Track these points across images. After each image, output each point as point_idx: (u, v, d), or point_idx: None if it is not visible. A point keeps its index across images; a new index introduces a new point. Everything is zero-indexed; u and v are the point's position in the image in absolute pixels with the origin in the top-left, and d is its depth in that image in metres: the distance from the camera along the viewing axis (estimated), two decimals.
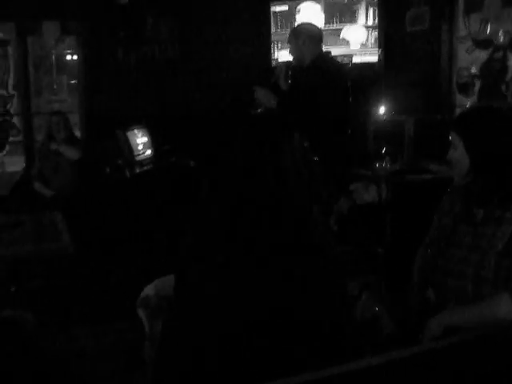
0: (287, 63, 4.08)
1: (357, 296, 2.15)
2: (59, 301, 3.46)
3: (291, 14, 5.69)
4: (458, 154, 1.89)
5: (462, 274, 1.86)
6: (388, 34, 5.41)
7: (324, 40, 5.19)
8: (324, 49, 4.17)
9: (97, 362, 3.17)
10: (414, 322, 1.98)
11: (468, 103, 5.10)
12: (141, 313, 2.34)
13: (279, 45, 5.66)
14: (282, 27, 5.73)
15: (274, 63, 5.71)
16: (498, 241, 1.81)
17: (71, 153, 4.79)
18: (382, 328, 1.86)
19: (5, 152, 6.16)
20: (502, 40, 4.74)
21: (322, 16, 5.54)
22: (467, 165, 1.87)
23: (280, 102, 3.99)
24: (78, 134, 5.61)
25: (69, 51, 6.54)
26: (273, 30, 5.79)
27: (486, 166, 1.84)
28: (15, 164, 6.17)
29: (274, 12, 5.77)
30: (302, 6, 5.61)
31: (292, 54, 4.01)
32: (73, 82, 6.50)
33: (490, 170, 1.84)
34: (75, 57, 6.08)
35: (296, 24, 5.56)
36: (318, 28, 4.13)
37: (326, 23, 5.55)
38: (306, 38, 3.91)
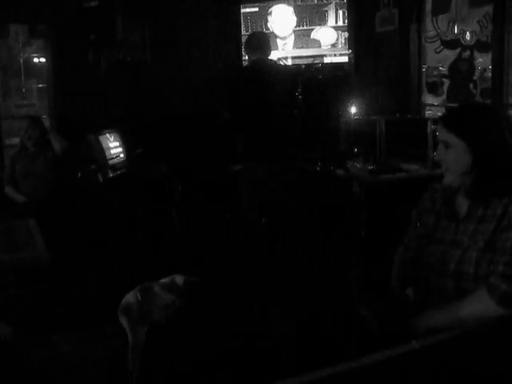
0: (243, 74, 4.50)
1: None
2: (37, 309, 3.41)
3: (261, 16, 5.72)
4: (455, 153, 1.90)
5: (443, 271, 1.90)
6: (358, 35, 5.47)
7: (295, 41, 5.32)
8: (293, 50, 4.35)
9: (78, 369, 3.13)
10: (394, 320, 2.01)
11: (437, 102, 5.19)
12: (123, 321, 2.32)
13: None
14: (252, 29, 5.75)
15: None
16: (479, 237, 1.84)
17: (58, 144, 4.74)
18: (367, 327, 1.88)
19: None
20: (468, 40, 4.83)
21: (294, 18, 5.58)
22: (468, 163, 1.89)
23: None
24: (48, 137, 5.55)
25: (37, 54, 6.45)
26: (243, 31, 5.81)
27: (489, 162, 1.87)
28: None
29: (245, 13, 5.79)
30: (274, 8, 5.64)
31: (249, 64, 4.45)
32: (42, 85, 6.40)
33: (493, 166, 1.87)
34: (44, 60, 6.00)
35: (267, 25, 5.64)
36: (256, 37, 4.45)
37: (296, 25, 5.59)
38: (261, 49, 4.24)
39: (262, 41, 4.34)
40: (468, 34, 4.84)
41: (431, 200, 2.08)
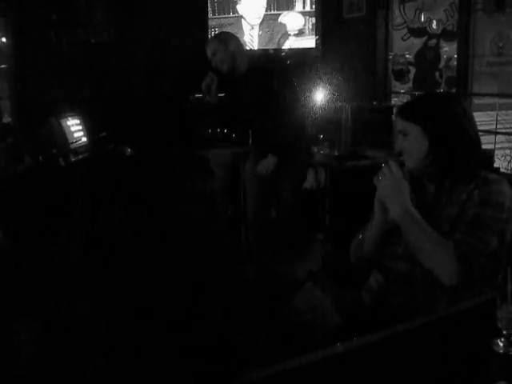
0: (212, 76, 3.99)
1: (300, 284, 2.16)
2: None
3: (229, 0, 5.65)
4: (412, 140, 1.95)
5: (410, 256, 1.92)
6: (325, 21, 5.44)
7: (262, 26, 5.20)
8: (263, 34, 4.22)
9: (40, 358, 3.08)
10: (364, 309, 2.02)
11: (403, 90, 5.21)
12: None
13: (216, 30, 5.59)
14: (219, 13, 5.68)
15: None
16: (444, 222, 1.89)
17: None
18: (328, 320, 1.88)
19: None
20: (435, 29, 4.85)
21: (265, 3, 5.53)
22: (425, 150, 1.93)
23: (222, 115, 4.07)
24: (10, 122, 5.43)
25: None
26: (210, 14, 5.74)
27: (445, 149, 1.92)
28: None
29: None
30: None
31: (222, 63, 3.92)
32: (2, 66, 6.23)
33: (449, 152, 1.92)
34: (4, 40, 5.83)
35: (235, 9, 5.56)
36: (234, 35, 4.17)
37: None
38: (236, 43, 3.94)
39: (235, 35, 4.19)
40: (434, 22, 4.86)
41: None
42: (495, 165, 4.30)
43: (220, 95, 4.08)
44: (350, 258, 2.20)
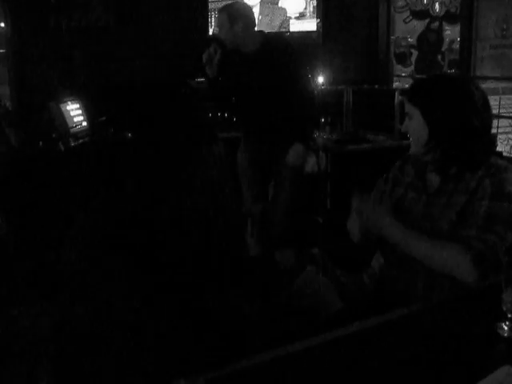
0: (215, 47, 3.62)
1: (300, 267, 2.15)
2: None
3: None
4: (415, 124, 1.90)
5: None
6: (326, 4, 5.39)
7: (262, 10, 5.04)
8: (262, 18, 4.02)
9: (39, 344, 3.09)
10: (365, 294, 2.00)
11: (405, 73, 5.17)
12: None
13: (217, 13, 5.53)
14: None
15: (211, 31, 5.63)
16: (450, 210, 1.83)
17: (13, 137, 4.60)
18: (330, 304, 1.86)
19: None
20: (438, 11, 4.81)
21: None
22: (425, 135, 1.87)
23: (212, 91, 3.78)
24: (8, 105, 5.39)
25: None
26: None
27: (444, 135, 1.85)
28: None
29: None
30: None
31: (225, 39, 3.60)
32: (0, 51, 6.19)
33: (449, 139, 1.85)
34: (2, 25, 5.79)
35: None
36: (250, 8, 3.84)
37: None
38: (244, 23, 3.57)
39: (249, 10, 3.79)
40: (437, 4, 4.81)
41: (401, 171, 2.06)
42: (498, 149, 4.27)
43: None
44: (352, 239, 2.16)
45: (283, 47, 3.64)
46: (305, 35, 5.43)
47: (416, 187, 1.96)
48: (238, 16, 3.57)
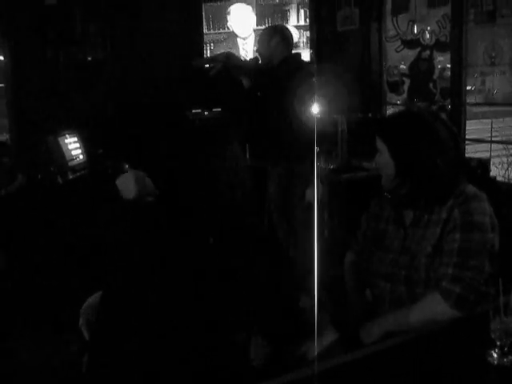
0: (255, 61, 4.02)
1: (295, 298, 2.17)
2: None
3: (222, 14, 5.70)
4: (384, 158, 1.93)
5: (394, 277, 1.91)
6: (319, 34, 5.49)
7: (256, 40, 5.14)
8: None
9: (35, 375, 3.09)
10: (355, 323, 2.02)
11: (398, 101, 5.24)
12: (82, 322, 2.30)
13: (212, 46, 5.65)
14: (214, 28, 5.72)
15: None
16: (426, 242, 1.86)
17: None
18: (324, 335, 1.88)
19: None
20: (428, 40, 4.89)
21: (254, 17, 5.57)
22: (393, 169, 1.90)
23: (241, 99, 3.96)
24: (7, 140, 5.46)
25: None
26: (205, 30, 5.78)
27: (410, 171, 1.88)
28: None
29: (206, 10, 5.77)
30: (233, 8, 5.61)
31: (260, 53, 3.94)
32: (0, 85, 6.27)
33: (415, 175, 1.87)
34: (1, 58, 5.87)
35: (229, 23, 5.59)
36: (289, 31, 4.10)
37: (257, 24, 5.58)
38: (279, 39, 3.87)
39: (286, 32, 4.07)
40: (427, 33, 4.89)
41: (379, 206, 2.09)
42: (492, 173, 4.31)
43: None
44: (344, 276, 2.19)
45: (308, 72, 4.01)
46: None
47: (394, 221, 1.99)
48: (274, 32, 3.92)
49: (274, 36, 3.87)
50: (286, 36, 3.95)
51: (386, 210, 2.05)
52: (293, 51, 4.10)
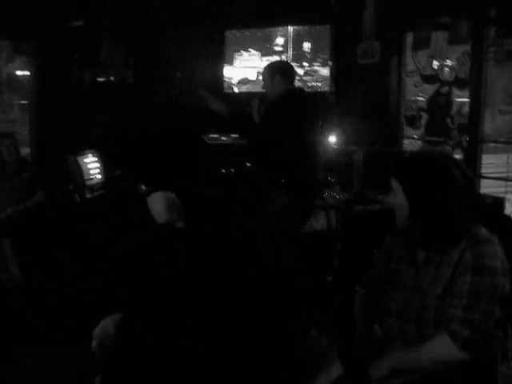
0: (261, 96, 4.12)
1: (306, 330, 2.19)
2: (7, 329, 3.38)
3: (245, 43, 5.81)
4: (398, 198, 1.95)
5: (404, 315, 1.92)
6: (339, 66, 5.55)
7: None
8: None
9: None
10: (364, 358, 2.03)
11: (415, 135, 5.27)
12: (95, 345, 2.32)
13: None
14: (236, 53, 5.83)
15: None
16: (437, 283, 1.88)
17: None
18: (331, 369, 1.89)
19: None
20: (447, 76, 4.94)
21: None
22: (407, 209, 1.93)
23: (252, 136, 4.06)
24: (28, 156, 5.55)
25: (21, 70, 6.44)
26: (227, 56, 5.90)
27: (424, 212, 1.91)
28: None
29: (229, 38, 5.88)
30: None
31: (266, 91, 4.04)
32: (24, 101, 6.39)
33: (429, 216, 1.90)
34: (27, 76, 6.00)
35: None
36: (290, 65, 4.22)
37: None
38: (277, 75, 3.95)
39: (288, 68, 4.18)
40: (447, 70, 4.94)
41: (392, 244, 2.11)
42: (506, 211, 4.30)
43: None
44: (354, 309, 2.21)
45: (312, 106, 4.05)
46: (318, 95, 5.58)
47: (406, 260, 2.01)
48: (273, 69, 4.00)
49: (274, 74, 3.96)
50: (285, 71, 4.04)
51: (399, 248, 2.07)
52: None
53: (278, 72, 3.96)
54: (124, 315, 1.98)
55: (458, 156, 4.71)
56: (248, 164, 4.60)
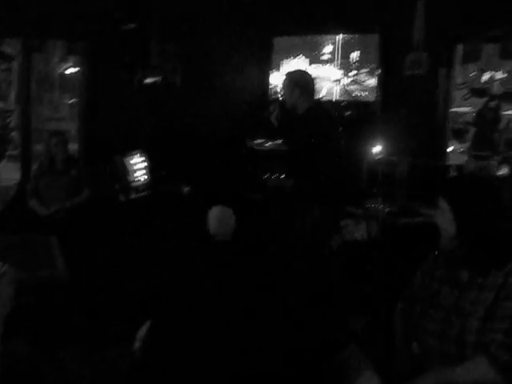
0: (281, 102, 4.14)
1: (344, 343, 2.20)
2: (50, 325, 3.46)
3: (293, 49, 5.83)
4: (446, 218, 1.96)
5: (444, 336, 1.92)
6: (386, 76, 5.52)
7: None
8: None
9: None
10: (401, 376, 2.04)
11: (461, 149, 5.22)
12: (138, 347, 2.37)
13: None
14: (284, 59, 5.86)
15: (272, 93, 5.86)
16: (480, 306, 1.87)
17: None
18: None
19: (1, 165, 6.19)
20: (496, 90, 4.87)
21: None
22: (453, 230, 1.94)
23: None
24: (75, 153, 5.68)
25: (72, 70, 6.61)
26: (274, 61, 5.93)
27: (471, 233, 1.91)
28: (10, 178, 6.17)
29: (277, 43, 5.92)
30: None
31: (285, 99, 4.06)
32: (74, 100, 6.55)
33: (476, 237, 1.90)
34: (78, 76, 6.14)
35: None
36: (310, 78, 4.16)
37: None
38: (302, 90, 3.98)
39: (308, 78, 4.17)
40: (496, 83, 4.88)
41: (435, 264, 2.11)
42: None
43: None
44: (394, 325, 2.21)
45: (327, 116, 4.02)
46: (363, 104, 5.57)
47: (448, 281, 2.01)
48: (298, 82, 4.00)
49: (295, 87, 3.97)
50: (305, 87, 4.03)
51: (441, 268, 2.07)
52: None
53: (298, 85, 3.98)
54: (155, 318, 2.03)
55: (504, 171, 4.64)
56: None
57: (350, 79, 5.65)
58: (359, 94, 5.61)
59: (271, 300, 1.73)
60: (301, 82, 4.03)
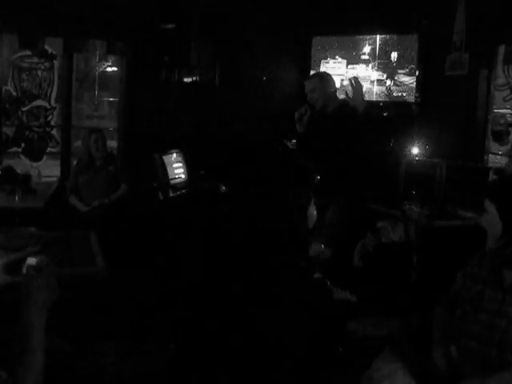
0: (306, 107, 4.18)
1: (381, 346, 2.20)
2: (88, 321, 3.52)
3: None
4: (490, 218, 1.96)
5: (487, 339, 1.90)
6: (426, 76, 5.46)
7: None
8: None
9: (117, 381, 3.22)
10: (437, 378, 2.02)
11: (502, 151, 5.12)
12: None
13: None
14: (323, 59, 5.85)
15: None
16: None
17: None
18: None
19: (41, 162, 6.31)
20: None
21: None
22: (499, 230, 1.93)
23: (299, 144, 4.21)
24: (114, 150, 5.77)
25: (112, 69, 6.71)
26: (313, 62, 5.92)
27: None
28: (51, 175, 6.29)
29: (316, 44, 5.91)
30: None
31: (316, 98, 4.15)
32: (113, 99, 6.64)
33: None
34: (118, 75, 6.23)
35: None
36: (332, 79, 4.36)
37: None
38: (334, 87, 4.22)
39: (332, 77, 4.36)
40: None
41: (478, 266, 2.09)
42: None
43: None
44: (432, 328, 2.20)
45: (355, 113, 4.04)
46: (402, 105, 5.53)
47: (492, 283, 1.99)
48: (330, 80, 4.25)
49: (328, 84, 4.17)
50: (334, 82, 4.28)
51: (485, 270, 2.05)
52: None
53: (334, 84, 4.22)
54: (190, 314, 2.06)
55: None
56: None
57: (388, 80, 5.61)
58: (398, 95, 5.56)
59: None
60: (330, 78, 4.25)
